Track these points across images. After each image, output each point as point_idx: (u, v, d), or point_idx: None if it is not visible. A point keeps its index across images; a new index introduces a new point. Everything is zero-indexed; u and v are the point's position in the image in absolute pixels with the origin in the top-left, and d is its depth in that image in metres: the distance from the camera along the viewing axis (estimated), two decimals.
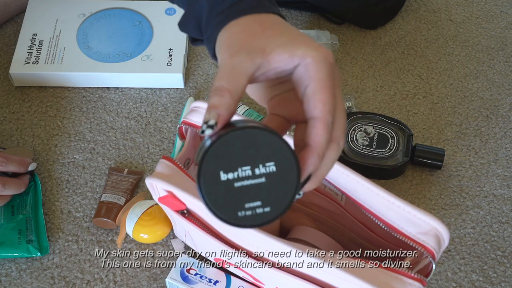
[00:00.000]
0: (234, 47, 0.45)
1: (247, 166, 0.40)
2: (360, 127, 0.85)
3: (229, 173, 0.40)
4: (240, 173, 0.40)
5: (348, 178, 0.60)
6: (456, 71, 0.97)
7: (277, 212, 0.41)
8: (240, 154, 0.40)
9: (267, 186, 0.40)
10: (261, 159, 0.40)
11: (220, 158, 0.40)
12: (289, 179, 0.41)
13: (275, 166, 0.40)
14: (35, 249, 0.74)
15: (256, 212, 0.41)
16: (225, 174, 0.40)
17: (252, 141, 0.40)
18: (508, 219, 0.81)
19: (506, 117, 0.92)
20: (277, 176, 0.40)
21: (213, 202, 0.40)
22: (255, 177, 0.40)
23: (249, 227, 0.41)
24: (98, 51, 0.93)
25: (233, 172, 0.40)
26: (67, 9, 0.98)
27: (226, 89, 0.42)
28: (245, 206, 0.41)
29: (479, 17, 1.05)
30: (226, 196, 0.40)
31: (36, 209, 0.78)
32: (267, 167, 0.40)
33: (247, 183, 0.40)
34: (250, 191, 0.40)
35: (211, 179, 0.40)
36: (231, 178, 0.40)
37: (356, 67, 0.97)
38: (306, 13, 1.03)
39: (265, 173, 0.40)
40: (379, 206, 0.59)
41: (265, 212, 0.41)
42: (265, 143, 0.40)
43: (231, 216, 0.41)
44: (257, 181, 0.40)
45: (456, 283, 0.76)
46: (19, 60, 0.91)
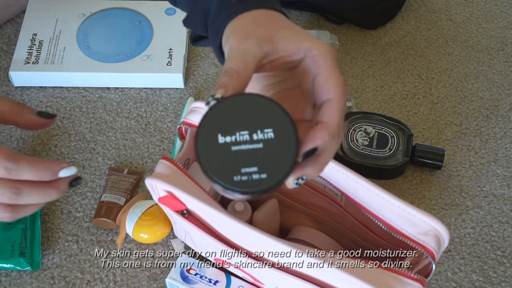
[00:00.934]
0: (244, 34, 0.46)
1: (245, 130, 0.40)
2: (360, 127, 0.85)
3: (226, 136, 0.40)
4: (237, 137, 0.40)
5: (347, 179, 0.60)
6: (456, 71, 0.97)
7: (274, 180, 0.40)
8: (239, 119, 0.40)
9: (265, 152, 0.40)
10: (259, 125, 0.40)
11: (219, 121, 0.40)
12: (287, 148, 0.40)
13: (273, 133, 0.40)
14: (27, 264, 0.73)
15: (252, 178, 0.40)
16: (222, 137, 0.40)
17: (252, 107, 0.40)
18: (508, 219, 0.81)
19: (506, 117, 0.92)
20: (275, 144, 0.40)
21: (209, 164, 0.40)
22: (252, 142, 0.40)
23: (244, 193, 0.40)
24: (98, 51, 0.93)
25: (231, 135, 0.40)
26: (67, 9, 0.98)
27: (235, 70, 0.43)
28: (241, 171, 0.40)
29: (479, 17, 1.05)
30: (223, 159, 0.40)
31: (34, 220, 0.77)
32: (265, 133, 0.40)
33: (244, 148, 0.40)
34: (247, 156, 0.40)
35: (208, 141, 0.40)
36: (229, 141, 0.40)
37: (356, 67, 0.97)
38: (306, 13, 1.03)
39: (263, 139, 0.40)
40: (378, 206, 0.59)
41: (261, 179, 0.40)
42: (265, 110, 0.40)
43: (226, 179, 0.40)
44: (255, 146, 0.40)
45: (456, 283, 0.76)
46: (19, 60, 0.91)
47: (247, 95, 0.41)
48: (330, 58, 0.45)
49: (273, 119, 0.40)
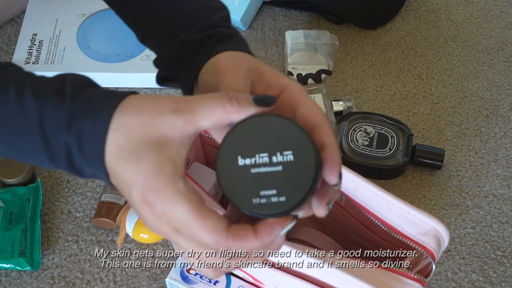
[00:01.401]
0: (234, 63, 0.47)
1: (264, 153, 0.40)
2: (360, 127, 0.85)
3: (246, 158, 0.40)
4: (257, 160, 0.40)
5: (347, 179, 0.60)
6: (456, 71, 0.97)
7: (292, 203, 0.40)
8: (259, 140, 0.40)
9: (284, 175, 0.40)
10: (279, 147, 0.40)
11: (239, 143, 0.40)
12: (307, 170, 0.40)
13: (293, 156, 0.40)
14: (27, 264, 0.73)
15: (271, 201, 0.40)
16: (242, 159, 0.40)
17: (272, 128, 0.40)
18: (508, 219, 0.81)
19: (506, 117, 0.92)
20: (295, 166, 0.40)
21: (228, 187, 0.40)
22: (272, 164, 0.40)
23: (262, 216, 0.40)
24: (98, 51, 0.93)
25: (251, 158, 0.40)
26: (67, 9, 0.98)
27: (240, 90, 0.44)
28: (260, 194, 0.40)
29: (479, 17, 1.05)
30: (242, 181, 0.40)
31: (34, 220, 0.77)
32: (284, 155, 0.40)
33: (263, 170, 0.40)
34: (266, 179, 0.40)
35: (228, 163, 0.40)
36: (248, 163, 0.40)
37: (356, 67, 0.97)
38: (306, 13, 1.03)
39: (282, 161, 0.40)
40: (378, 206, 0.59)
41: (280, 202, 0.40)
42: (284, 131, 0.40)
43: (245, 202, 0.40)
44: (274, 169, 0.40)
45: (456, 283, 0.76)
46: (19, 60, 0.91)
47: (267, 116, 0.41)
48: (305, 93, 0.47)
49: (293, 141, 0.40)
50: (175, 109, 0.40)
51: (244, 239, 0.40)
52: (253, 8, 1.00)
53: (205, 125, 0.40)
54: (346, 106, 0.89)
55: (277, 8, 1.04)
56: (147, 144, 0.39)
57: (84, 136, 0.40)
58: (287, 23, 1.02)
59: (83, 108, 0.41)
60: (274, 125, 0.40)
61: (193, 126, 0.40)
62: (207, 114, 0.40)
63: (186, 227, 0.40)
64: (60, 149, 0.42)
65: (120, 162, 0.40)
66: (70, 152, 0.42)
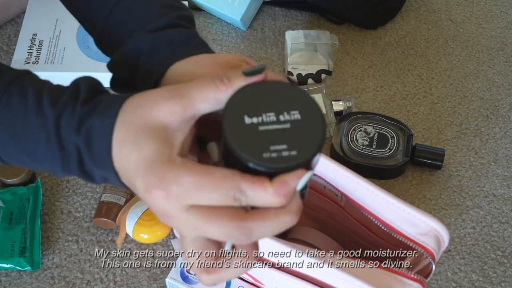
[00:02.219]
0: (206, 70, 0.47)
1: (271, 112, 0.40)
2: (360, 127, 0.85)
3: (253, 117, 0.40)
4: (264, 118, 0.40)
5: (347, 179, 0.60)
6: (456, 71, 0.97)
7: (306, 156, 0.39)
8: (265, 102, 0.40)
9: (293, 131, 0.40)
10: (285, 107, 0.40)
11: (245, 104, 0.40)
12: (315, 127, 0.40)
13: (299, 115, 0.40)
14: (27, 264, 0.73)
15: (282, 154, 0.39)
16: (249, 118, 0.40)
17: (274, 91, 0.41)
18: (508, 219, 0.81)
19: (506, 117, 0.92)
20: (302, 124, 0.40)
21: (237, 143, 0.39)
22: (279, 122, 0.40)
23: (275, 170, 0.39)
24: (98, 51, 0.92)
25: (257, 116, 0.40)
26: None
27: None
28: (270, 148, 0.39)
29: (479, 17, 1.05)
30: (250, 138, 0.39)
31: (34, 220, 0.77)
32: (291, 114, 0.40)
33: (271, 128, 0.40)
34: (275, 135, 0.40)
35: (235, 122, 0.40)
36: (255, 122, 0.40)
37: (356, 67, 0.97)
38: (306, 13, 1.03)
39: (290, 120, 0.40)
40: (378, 207, 0.59)
41: (291, 155, 0.39)
42: (289, 94, 0.41)
43: (256, 157, 0.39)
44: (282, 126, 0.40)
45: (456, 283, 0.76)
46: (19, 60, 0.91)
47: (271, 81, 0.41)
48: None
49: (298, 102, 0.40)
50: (171, 97, 0.40)
51: (260, 186, 0.38)
52: (253, 8, 1.00)
53: (202, 107, 0.40)
54: (346, 106, 0.89)
55: (277, 8, 1.04)
56: (146, 133, 0.40)
57: (92, 135, 0.41)
58: (287, 23, 1.02)
59: (92, 111, 0.42)
60: (276, 88, 0.41)
61: (191, 111, 0.40)
62: (202, 97, 0.40)
63: (197, 190, 0.38)
64: (72, 153, 0.42)
65: (124, 155, 0.40)
66: (80, 154, 0.42)
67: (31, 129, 0.43)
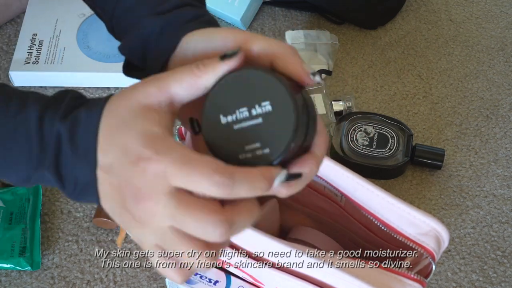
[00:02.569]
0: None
1: (243, 107, 0.40)
2: (360, 127, 0.85)
3: (228, 116, 0.40)
4: (238, 115, 0.40)
5: (347, 179, 0.60)
6: (456, 71, 0.97)
7: (275, 154, 0.40)
8: (237, 96, 0.40)
9: (265, 126, 0.40)
10: (256, 99, 0.40)
11: (219, 102, 0.41)
12: (286, 119, 0.40)
13: (270, 106, 0.40)
14: (27, 264, 0.73)
15: (256, 154, 0.40)
16: (224, 117, 0.40)
17: (247, 81, 0.40)
18: (508, 219, 0.81)
19: (506, 117, 0.92)
20: (274, 116, 0.40)
21: (216, 147, 0.40)
22: (252, 118, 0.40)
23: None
24: (98, 51, 0.93)
25: (232, 114, 0.40)
26: (67, 9, 0.98)
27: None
28: (245, 149, 0.40)
29: (479, 17, 1.05)
30: (227, 140, 0.40)
31: (34, 220, 0.77)
32: (262, 106, 0.40)
33: (245, 125, 0.40)
34: (249, 133, 0.40)
35: (212, 124, 0.40)
36: (230, 120, 0.40)
37: (356, 67, 0.97)
38: (306, 13, 1.03)
39: (261, 113, 0.40)
40: (378, 207, 0.59)
41: (264, 154, 0.40)
42: (259, 82, 0.40)
43: (233, 160, 0.40)
44: (255, 122, 0.40)
45: (456, 283, 0.76)
46: (19, 60, 0.91)
47: (241, 70, 0.41)
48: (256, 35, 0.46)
49: (269, 91, 0.40)
50: (149, 80, 0.41)
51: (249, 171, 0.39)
52: (253, 8, 1.00)
53: (177, 90, 0.41)
54: (346, 106, 0.89)
55: (277, 8, 1.04)
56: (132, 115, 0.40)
57: (78, 123, 0.42)
58: (287, 23, 1.02)
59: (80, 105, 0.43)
60: (248, 77, 0.40)
61: (166, 93, 0.41)
62: (177, 79, 0.41)
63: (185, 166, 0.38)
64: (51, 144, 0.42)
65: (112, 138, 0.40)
66: (60, 145, 0.42)
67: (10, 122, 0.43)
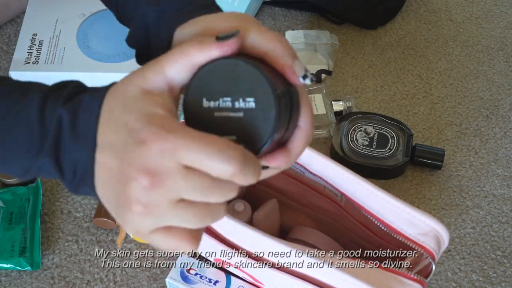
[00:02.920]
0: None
1: (228, 97, 0.40)
2: (360, 127, 0.85)
3: (211, 101, 0.40)
4: (220, 103, 0.40)
5: (347, 180, 0.60)
6: (456, 71, 0.97)
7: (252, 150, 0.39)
8: (224, 84, 0.40)
9: (244, 122, 0.40)
10: (242, 93, 0.40)
11: (205, 85, 0.40)
12: (266, 120, 0.39)
13: (254, 103, 0.40)
14: (27, 264, 0.73)
15: None
16: (207, 101, 0.40)
17: (237, 72, 0.40)
18: (508, 219, 0.81)
19: (506, 117, 0.92)
20: (255, 114, 0.40)
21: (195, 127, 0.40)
22: (234, 110, 0.40)
23: None
24: (98, 51, 0.93)
25: (215, 101, 0.40)
26: (67, 9, 0.98)
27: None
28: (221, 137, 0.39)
29: (479, 17, 1.05)
30: (206, 124, 0.40)
31: (34, 220, 0.77)
32: (246, 102, 0.40)
33: (225, 115, 0.40)
34: (228, 124, 0.40)
35: (194, 105, 0.40)
36: (212, 106, 0.40)
37: (356, 67, 0.97)
38: (306, 13, 1.03)
39: (244, 108, 0.40)
40: (378, 207, 0.59)
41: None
42: (249, 76, 0.40)
43: None
44: (236, 115, 0.40)
45: (456, 283, 0.76)
46: (19, 60, 0.91)
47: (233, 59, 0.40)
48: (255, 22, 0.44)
49: (256, 88, 0.40)
50: (146, 66, 0.41)
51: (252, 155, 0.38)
52: (253, 8, 1.00)
53: (172, 72, 0.40)
54: (346, 106, 0.89)
55: (277, 8, 1.04)
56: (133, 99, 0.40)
57: (81, 107, 0.42)
58: (287, 23, 1.02)
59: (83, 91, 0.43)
60: (239, 69, 0.40)
61: (160, 76, 0.40)
62: (171, 61, 0.40)
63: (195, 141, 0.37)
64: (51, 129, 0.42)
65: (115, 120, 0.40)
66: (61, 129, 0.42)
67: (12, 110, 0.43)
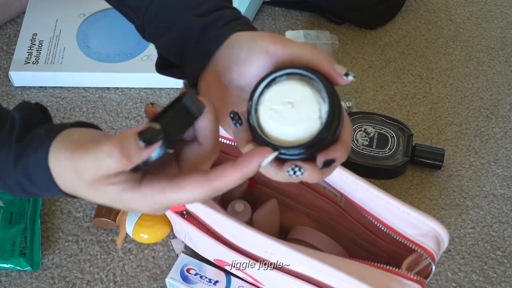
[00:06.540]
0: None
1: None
2: (360, 127, 0.85)
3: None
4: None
5: (347, 180, 0.60)
6: (456, 71, 0.97)
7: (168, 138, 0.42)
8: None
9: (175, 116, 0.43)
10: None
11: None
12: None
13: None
14: (27, 264, 0.73)
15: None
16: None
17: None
18: (508, 219, 0.81)
19: (506, 117, 0.92)
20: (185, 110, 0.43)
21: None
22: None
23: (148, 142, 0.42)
24: (98, 51, 0.93)
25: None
26: (67, 9, 0.98)
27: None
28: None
29: (479, 17, 1.05)
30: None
31: (34, 219, 0.77)
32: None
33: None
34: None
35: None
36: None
37: (356, 67, 0.97)
38: (306, 13, 1.03)
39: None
40: (378, 208, 0.59)
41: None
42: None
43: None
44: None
45: (456, 283, 0.76)
46: (19, 60, 0.91)
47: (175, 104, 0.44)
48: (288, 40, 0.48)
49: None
50: (81, 155, 0.42)
51: (225, 175, 0.42)
52: (253, 8, 1.00)
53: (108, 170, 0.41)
54: (346, 106, 0.89)
55: (277, 8, 1.04)
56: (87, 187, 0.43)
57: (30, 168, 0.46)
58: (287, 23, 1.02)
59: (27, 147, 0.46)
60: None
61: (101, 171, 0.42)
62: (103, 167, 0.41)
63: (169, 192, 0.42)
64: (15, 185, 0.48)
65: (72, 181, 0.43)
66: (23, 185, 0.47)
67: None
